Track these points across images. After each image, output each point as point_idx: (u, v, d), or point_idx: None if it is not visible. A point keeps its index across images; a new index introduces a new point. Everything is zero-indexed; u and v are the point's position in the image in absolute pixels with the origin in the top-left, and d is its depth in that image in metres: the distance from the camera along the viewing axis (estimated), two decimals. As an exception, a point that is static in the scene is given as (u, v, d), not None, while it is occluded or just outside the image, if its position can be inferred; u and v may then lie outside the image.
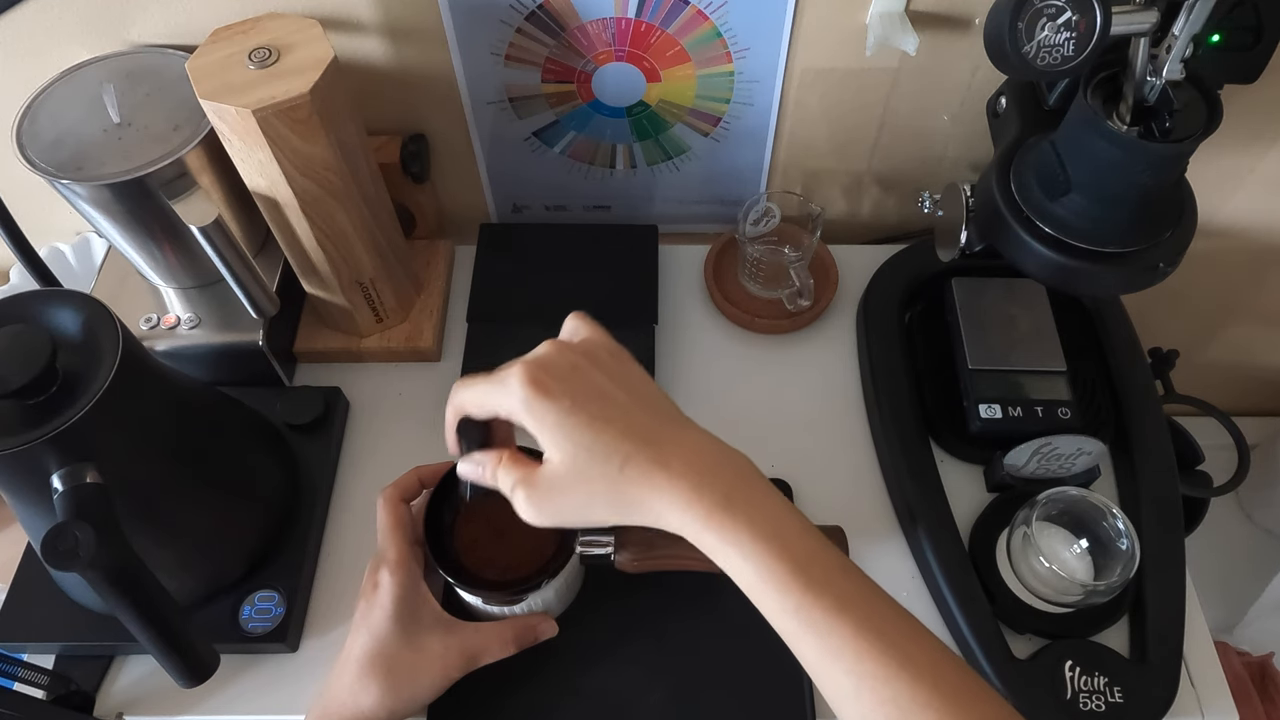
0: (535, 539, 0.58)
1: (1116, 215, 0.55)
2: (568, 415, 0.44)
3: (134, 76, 0.67)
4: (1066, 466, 0.67)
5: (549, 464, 0.45)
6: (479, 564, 0.58)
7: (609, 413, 0.45)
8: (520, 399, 0.44)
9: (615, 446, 0.44)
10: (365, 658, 0.55)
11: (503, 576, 0.58)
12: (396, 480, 0.60)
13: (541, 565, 0.57)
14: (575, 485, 0.44)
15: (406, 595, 0.56)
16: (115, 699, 0.64)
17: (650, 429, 0.45)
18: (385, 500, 0.59)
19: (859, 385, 0.78)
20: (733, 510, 0.43)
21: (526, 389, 0.44)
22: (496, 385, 0.45)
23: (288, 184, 0.61)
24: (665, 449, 0.44)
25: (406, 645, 0.56)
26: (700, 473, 0.44)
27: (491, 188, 0.87)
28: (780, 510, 0.44)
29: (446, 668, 0.56)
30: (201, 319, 0.72)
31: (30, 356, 0.48)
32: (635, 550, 0.58)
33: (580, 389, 0.45)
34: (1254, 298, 1.04)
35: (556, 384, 0.44)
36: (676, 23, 0.71)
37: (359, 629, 0.56)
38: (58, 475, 0.49)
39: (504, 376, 0.45)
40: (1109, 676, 0.62)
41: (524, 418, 0.44)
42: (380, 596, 0.56)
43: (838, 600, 0.42)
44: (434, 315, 0.80)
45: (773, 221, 0.80)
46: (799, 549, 0.43)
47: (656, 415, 0.46)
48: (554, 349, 0.47)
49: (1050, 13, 0.47)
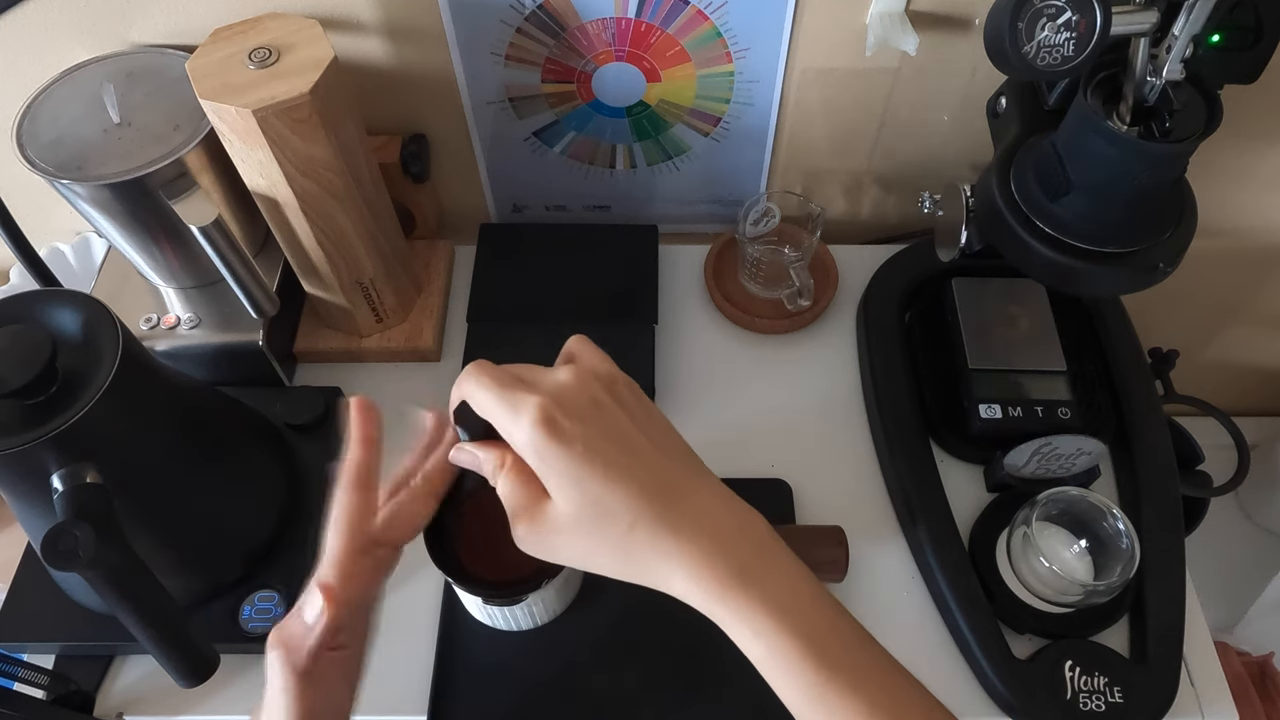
0: None
1: (1116, 215, 0.55)
2: (579, 464, 0.40)
3: (134, 76, 0.67)
4: (1066, 466, 0.67)
5: (554, 507, 0.41)
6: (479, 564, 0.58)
7: (623, 462, 0.41)
8: (529, 438, 0.40)
9: (626, 504, 0.40)
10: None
11: (503, 576, 0.57)
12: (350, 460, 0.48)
13: (542, 565, 0.57)
14: (578, 536, 0.41)
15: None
16: (115, 699, 0.64)
17: (664, 484, 0.42)
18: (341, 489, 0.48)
19: (859, 385, 0.78)
20: (745, 584, 0.40)
21: (538, 430, 0.40)
22: (508, 409, 0.41)
23: (288, 184, 0.61)
24: (677, 509, 0.41)
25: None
26: (713, 539, 0.41)
27: (491, 188, 0.87)
28: (795, 580, 0.41)
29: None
30: (201, 319, 0.72)
31: (30, 356, 0.48)
32: None
33: (596, 432, 0.41)
34: (1254, 298, 1.04)
35: (571, 425, 0.41)
36: (676, 23, 0.71)
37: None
38: (58, 475, 0.49)
39: (517, 404, 0.41)
40: (1109, 676, 0.62)
41: (530, 457, 0.41)
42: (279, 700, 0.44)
43: (852, 679, 0.39)
44: (434, 315, 0.80)
45: (773, 221, 0.80)
46: (815, 624, 0.40)
47: (671, 466, 0.43)
48: (575, 381, 0.42)
49: (1050, 13, 0.47)
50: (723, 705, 0.62)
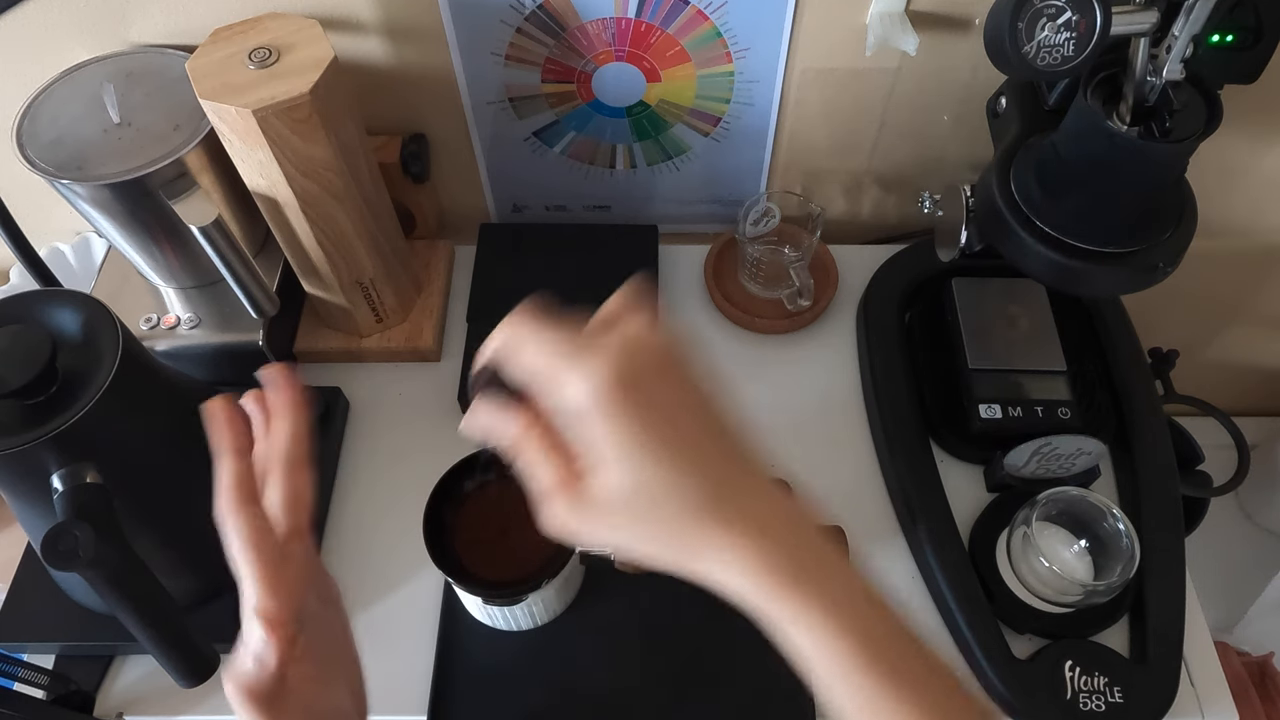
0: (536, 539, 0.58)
1: (1117, 215, 0.55)
2: (639, 434, 0.36)
3: (134, 76, 0.67)
4: (1066, 466, 0.67)
5: (601, 481, 0.37)
6: (479, 564, 0.58)
7: (683, 442, 0.37)
8: (592, 391, 0.36)
9: (680, 487, 0.37)
10: None
11: (503, 576, 0.57)
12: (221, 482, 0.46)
13: (542, 565, 0.57)
14: (627, 518, 0.38)
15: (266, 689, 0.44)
16: (115, 699, 0.64)
17: (723, 471, 0.38)
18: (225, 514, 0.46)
19: (859, 385, 0.78)
20: (801, 583, 0.37)
21: (608, 385, 0.36)
22: (567, 358, 0.37)
23: (288, 184, 0.61)
24: (735, 501, 0.38)
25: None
26: (772, 536, 0.38)
27: (491, 188, 0.87)
28: (852, 582, 0.39)
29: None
30: (201, 319, 0.72)
31: (30, 356, 0.48)
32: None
33: (661, 401, 0.37)
34: (1254, 298, 1.04)
35: (641, 391, 0.36)
36: (676, 23, 0.71)
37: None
38: (58, 475, 0.49)
39: (581, 358, 0.36)
40: (1109, 676, 0.62)
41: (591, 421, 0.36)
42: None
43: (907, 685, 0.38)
44: (434, 315, 0.80)
45: (773, 221, 0.80)
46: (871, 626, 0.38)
47: (734, 454, 0.39)
48: (648, 333, 0.38)
49: (1050, 13, 0.47)
50: (723, 705, 0.62)
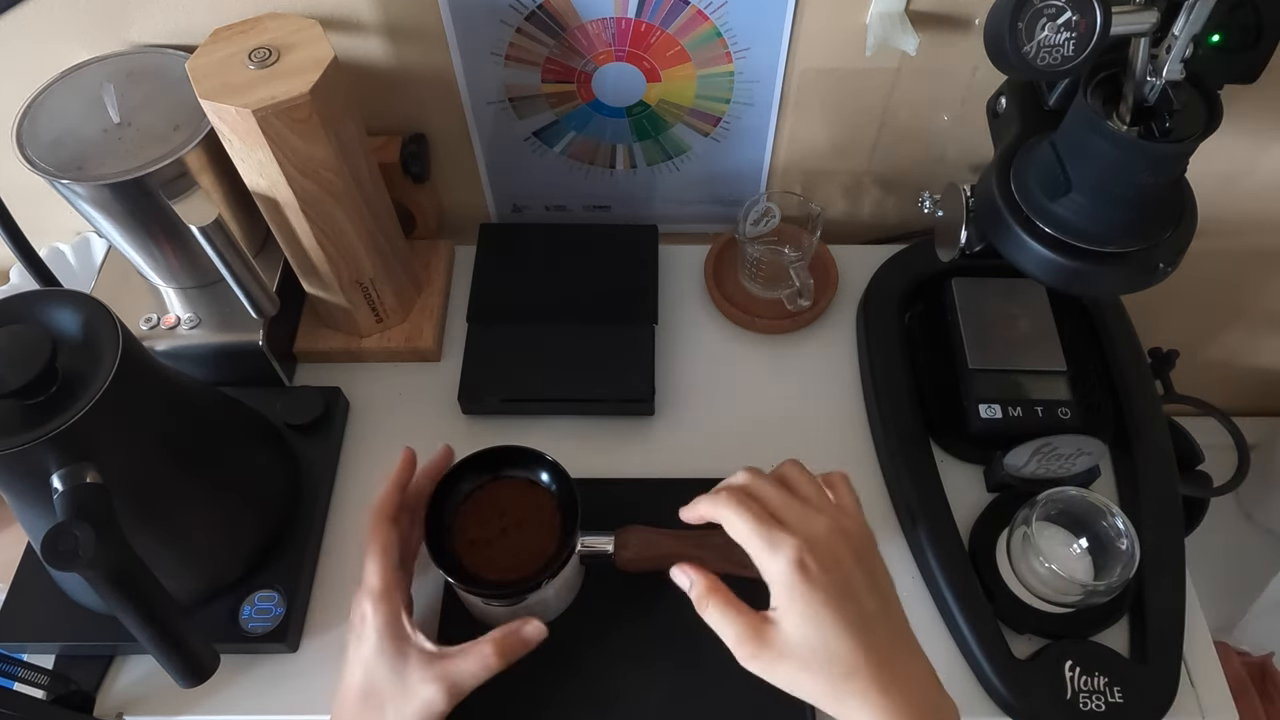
0: (536, 538, 0.58)
1: (1116, 215, 0.55)
2: (820, 608, 0.46)
3: (134, 76, 0.67)
4: (1066, 466, 0.67)
5: (783, 632, 0.47)
6: (479, 564, 0.58)
7: (855, 617, 0.46)
8: (784, 575, 0.47)
9: (850, 653, 0.46)
10: (360, 693, 0.55)
11: (503, 576, 0.57)
12: (379, 499, 0.60)
13: (542, 565, 0.57)
14: (800, 668, 0.46)
15: (391, 628, 0.56)
16: (115, 699, 0.64)
17: (884, 647, 0.47)
18: (373, 523, 0.59)
19: (859, 385, 0.78)
20: None
21: (794, 570, 0.46)
22: (766, 544, 0.47)
23: (288, 184, 0.61)
24: (891, 673, 0.46)
25: (394, 681, 0.55)
26: (916, 708, 0.46)
27: (491, 188, 0.87)
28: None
29: (430, 707, 0.55)
30: (201, 319, 0.72)
31: (30, 356, 0.48)
32: (636, 549, 0.58)
33: (837, 584, 0.47)
34: (1254, 298, 1.04)
35: (819, 572, 0.47)
36: (676, 23, 0.71)
37: (352, 662, 0.56)
38: (58, 475, 0.49)
39: (776, 541, 0.47)
40: (1109, 676, 0.62)
41: (779, 589, 0.47)
42: (367, 629, 0.56)
43: None
44: (434, 315, 0.80)
45: (773, 221, 0.80)
46: None
47: (894, 633, 0.48)
48: (828, 534, 0.48)
49: (1050, 13, 0.47)
50: (723, 705, 0.62)
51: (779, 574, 0.47)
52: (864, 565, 0.49)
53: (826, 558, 0.47)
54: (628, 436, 0.75)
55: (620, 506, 0.61)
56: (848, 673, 0.46)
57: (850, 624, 0.46)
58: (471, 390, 0.75)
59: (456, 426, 0.76)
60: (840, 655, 0.46)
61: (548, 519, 0.59)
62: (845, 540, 0.49)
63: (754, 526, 0.48)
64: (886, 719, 0.45)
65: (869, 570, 0.49)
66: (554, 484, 0.60)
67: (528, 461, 0.60)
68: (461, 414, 0.76)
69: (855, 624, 0.46)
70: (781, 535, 0.47)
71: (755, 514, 0.49)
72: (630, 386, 0.75)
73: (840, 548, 0.48)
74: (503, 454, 0.61)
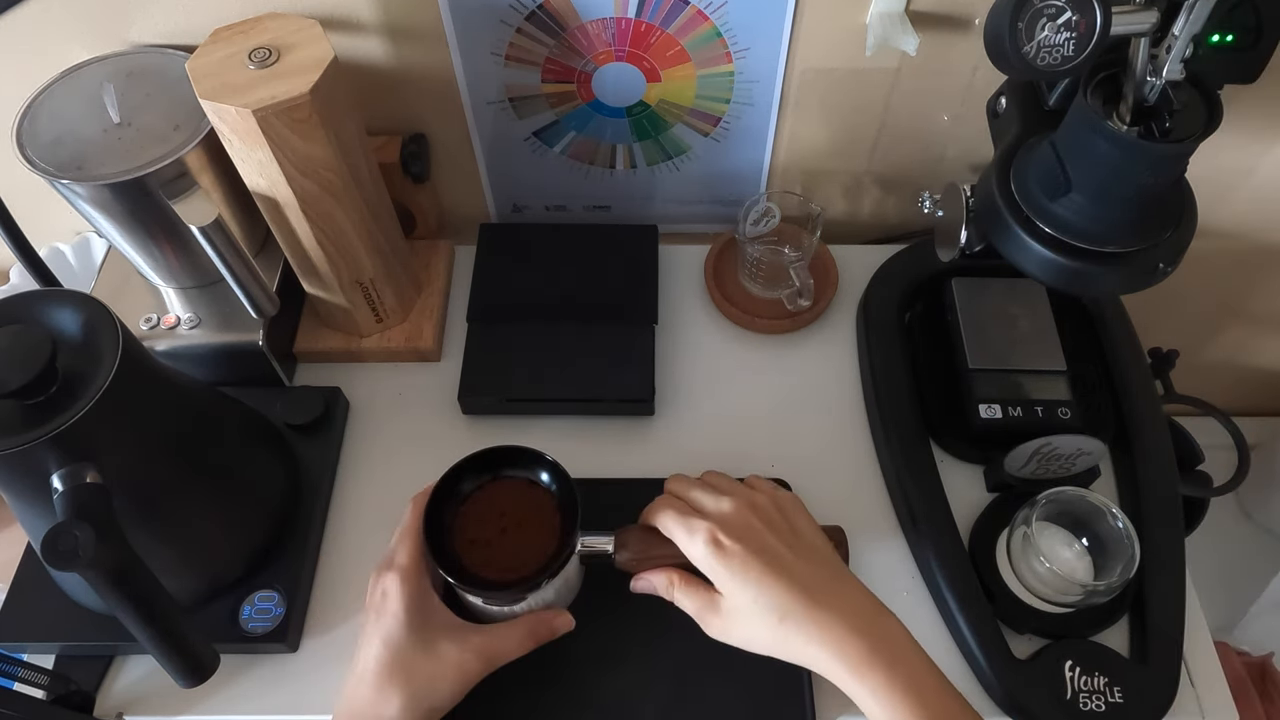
0: (536, 538, 0.58)
1: (1116, 215, 0.55)
2: (738, 571, 0.53)
3: (134, 76, 0.67)
4: (1066, 467, 0.67)
5: (724, 599, 0.54)
6: (479, 563, 0.58)
7: (774, 569, 0.53)
8: (701, 553, 0.54)
9: (776, 599, 0.52)
10: (383, 668, 0.55)
11: (503, 576, 0.57)
12: (427, 488, 0.60)
13: (542, 564, 0.57)
14: (745, 624, 0.54)
15: (417, 601, 0.56)
16: (115, 699, 0.64)
17: (808, 584, 0.53)
18: (413, 506, 0.60)
19: (859, 385, 0.78)
20: (876, 665, 0.50)
21: (709, 547, 0.54)
22: (684, 531, 0.55)
23: (288, 184, 0.61)
24: (820, 603, 0.52)
25: (423, 653, 0.55)
26: (851, 627, 0.51)
27: (491, 188, 0.87)
28: (921, 669, 0.51)
29: (465, 672, 0.56)
30: (201, 319, 0.72)
31: (30, 356, 0.48)
32: (635, 549, 0.58)
33: (752, 547, 0.54)
34: (1254, 298, 1.04)
35: (731, 543, 0.54)
36: (676, 23, 0.71)
37: (371, 639, 0.56)
38: (58, 475, 0.49)
39: (691, 527, 0.55)
40: (1109, 676, 0.62)
41: (703, 566, 0.54)
42: (391, 604, 0.56)
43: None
44: (434, 315, 0.80)
45: (773, 221, 0.80)
46: (940, 705, 0.50)
47: (814, 570, 0.54)
48: (734, 510, 0.56)
49: (1050, 13, 0.47)
50: (723, 704, 0.62)
51: (700, 554, 0.54)
52: (774, 525, 0.56)
53: (737, 528, 0.54)
54: (628, 436, 0.75)
55: (620, 506, 0.61)
56: (782, 616, 0.52)
57: (772, 575, 0.52)
58: (471, 390, 0.75)
59: (456, 426, 0.76)
60: (771, 603, 0.52)
61: (548, 519, 0.59)
62: (753, 510, 0.56)
63: (674, 519, 0.56)
64: (826, 642, 0.51)
65: (781, 528, 0.56)
66: (554, 484, 0.60)
67: (527, 461, 0.60)
68: (461, 414, 0.76)
69: (776, 574, 0.52)
70: (696, 521, 0.55)
71: (675, 508, 0.57)
72: (630, 386, 0.75)
73: (748, 517, 0.55)
74: (502, 454, 0.60)
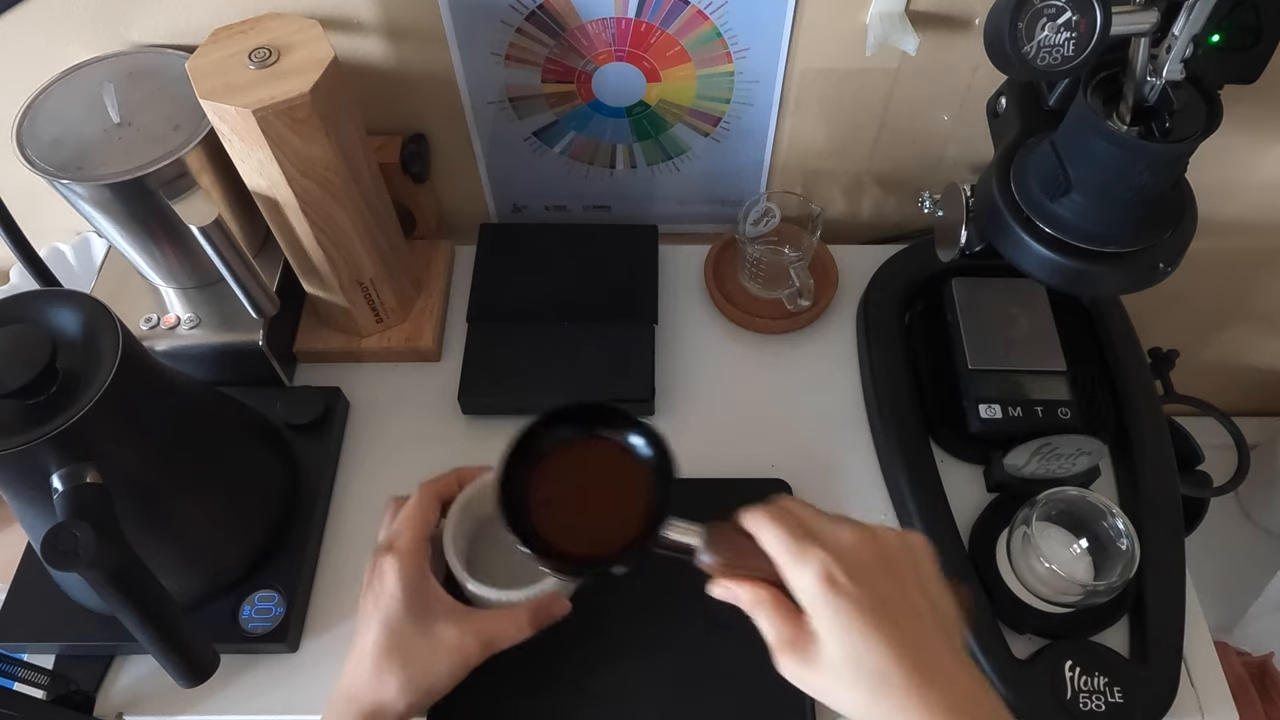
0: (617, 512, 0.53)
1: (1116, 215, 0.55)
2: (848, 620, 0.44)
3: (134, 76, 0.67)
4: (1066, 466, 0.67)
5: (817, 645, 0.45)
6: (549, 527, 0.52)
7: (886, 626, 0.44)
8: (810, 586, 0.45)
9: (882, 663, 0.44)
10: (380, 650, 0.54)
11: (574, 548, 0.51)
12: (437, 476, 0.60)
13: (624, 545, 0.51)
14: (834, 679, 0.45)
15: (416, 583, 0.56)
16: (115, 699, 0.64)
17: (921, 654, 0.44)
18: (421, 492, 0.59)
19: (859, 385, 0.78)
20: None
21: (820, 583, 0.45)
22: (795, 556, 0.46)
23: (288, 184, 0.61)
24: (931, 681, 0.44)
25: (421, 634, 0.55)
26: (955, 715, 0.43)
27: (491, 188, 0.87)
28: None
29: (464, 655, 0.55)
30: (201, 319, 0.72)
31: (30, 356, 0.48)
32: (726, 555, 0.50)
33: (867, 595, 0.45)
34: (1254, 298, 1.04)
35: (847, 583, 0.45)
36: (676, 23, 0.71)
37: (369, 620, 0.55)
38: (58, 475, 0.49)
39: (804, 553, 0.46)
40: (1109, 676, 0.62)
41: (806, 601, 0.45)
42: (389, 585, 0.55)
43: None
44: (434, 315, 0.80)
45: (773, 221, 0.80)
46: None
47: (932, 639, 0.46)
48: (857, 544, 0.47)
49: (1050, 13, 0.47)
50: (723, 704, 0.62)
51: (807, 587, 0.45)
52: (899, 574, 0.47)
53: (855, 568, 0.45)
54: (628, 436, 0.75)
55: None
56: (881, 682, 0.44)
57: (884, 634, 0.44)
58: (471, 390, 0.75)
59: (456, 426, 0.76)
60: (874, 667, 0.44)
61: (635, 495, 0.52)
62: (878, 549, 0.47)
63: (783, 537, 0.47)
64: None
65: (908, 578, 0.47)
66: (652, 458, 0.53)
67: (626, 425, 0.54)
68: (461, 414, 0.76)
69: (890, 634, 0.44)
70: (809, 547, 0.46)
71: (786, 525, 0.47)
72: (630, 386, 0.75)
73: (869, 557, 0.46)
74: (599, 412, 0.54)
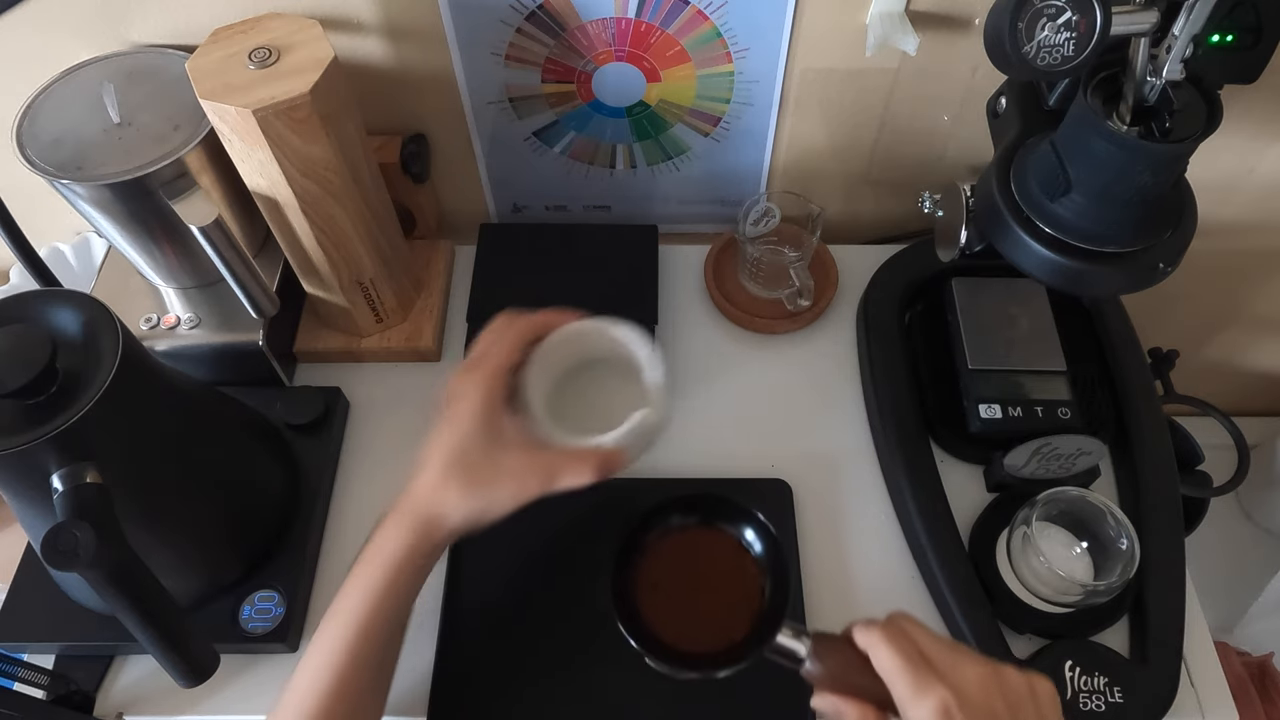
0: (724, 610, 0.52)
1: (1116, 215, 0.55)
2: None
3: (134, 76, 0.67)
4: (1066, 467, 0.67)
5: None
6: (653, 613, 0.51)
7: None
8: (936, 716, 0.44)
9: None
10: (447, 459, 0.54)
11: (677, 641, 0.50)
12: (525, 315, 0.59)
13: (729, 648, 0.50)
14: None
15: (494, 405, 0.55)
16: (115, 699, 0.64)
17: None
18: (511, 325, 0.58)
19: (859, 385, 0.78)
20: None
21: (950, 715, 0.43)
22: (912, 686, 0.44)
23: (288, 184, 0.61)
24: None
25: (488, 455, 0.54)
26: None
27: (491, 188, 0.87)
28: None
29: (525, 484, 0.54)
30: (201, 319, 0.72)
31: (30, 356, 0.48)
32: (833, 668, 0.49)
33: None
34: (1254, 298, 1.04)
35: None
36: (676, 23, 0.71)
37: (442, 433, 0.55)
38: (58, 475, 0.49)
39: (923, 685, 0.44)
40: (1109, 676, 0.62)
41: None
42: (468, 402, 0.54)
43: None
44: (434, 315, 0.80)
45: (773, 221, 0.80)
46: None
47: None
48: (980, 686, 0.45)
49: (1050, 13, 0.47)
50: (724, 704, 0.62)
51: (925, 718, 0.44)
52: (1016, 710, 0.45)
53: (978, 709, 0.44)
54: (628, 436, 0.75)
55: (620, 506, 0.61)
56: None
57: None
58: (471, 390, 0.75)
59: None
60: None
61: (745, 595, 0.51)
62: (1000, 692, 0.45)
63: (903, 664, 0.45)
64: None
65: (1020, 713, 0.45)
66: (766, 558, 0.52)
67: (744, 520, 0.53)
68: (461, 414, 0.76)
69: None
70: (930, 679, 0.44)
71: (906, 651, 0.45)
72: (630, 386, 0.74)
73: (991, 700, 0.44)
74: (716, 504, 0.54)
